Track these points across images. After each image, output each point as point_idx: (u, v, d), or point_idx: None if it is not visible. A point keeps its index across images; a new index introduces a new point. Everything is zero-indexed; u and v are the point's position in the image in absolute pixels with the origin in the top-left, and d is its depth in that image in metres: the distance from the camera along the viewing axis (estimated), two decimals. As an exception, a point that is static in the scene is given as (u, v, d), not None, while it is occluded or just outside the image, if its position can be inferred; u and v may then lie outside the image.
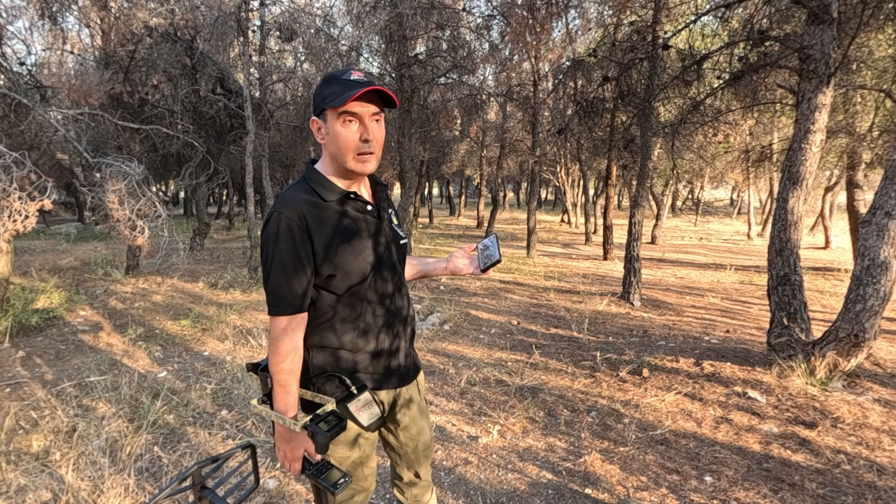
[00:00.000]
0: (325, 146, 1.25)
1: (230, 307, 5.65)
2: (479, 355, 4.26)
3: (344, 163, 1.23)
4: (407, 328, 1.42)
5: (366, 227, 1.30)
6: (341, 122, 1.19)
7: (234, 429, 2.91)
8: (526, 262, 9.58)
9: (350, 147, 1.21)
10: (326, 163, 1.28)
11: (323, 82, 1.22)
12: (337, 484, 1.20)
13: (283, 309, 1.20)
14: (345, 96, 1.16)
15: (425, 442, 1.52)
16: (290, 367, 1.21)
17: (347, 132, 1.20)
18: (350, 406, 1.26)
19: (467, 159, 17.30)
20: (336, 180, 1.27)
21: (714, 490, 2.38)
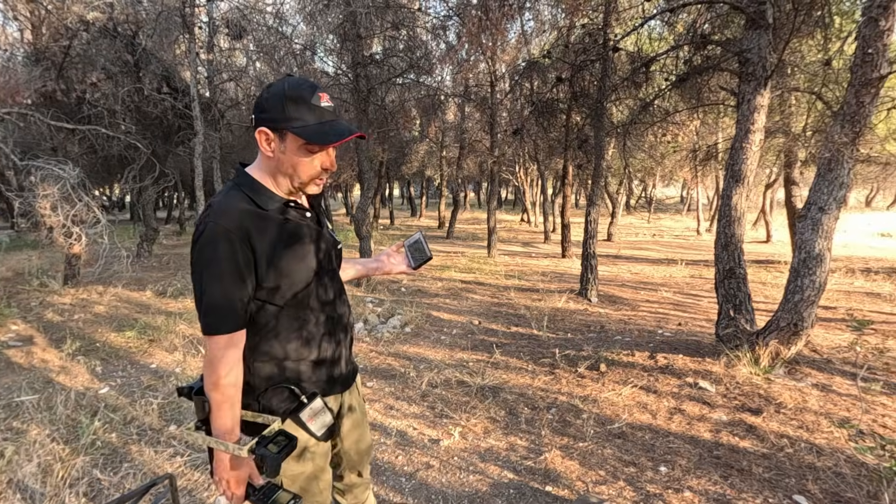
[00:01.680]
0: (271, 160, 1.18)
1: (180, 316, 5.40)
2: (440, 357, 4.24)
3: (296, 184, 1.20)
4: (348, 334, 1.40)
5: (308, 233, 1.25)
6: (306, 153, 1.16)
7: (183, 445, 2.76)
8: (487, 261, 9.65)
9: (310, 174, 1.19)
10: (266, 173, 1.21)
11: (286, 99, 1.12)
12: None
13: (223, 327, 1.11)
14: (324, 139, 1.13)
15: (367, 444, 1.52)
16: (234, 382, 1.14)
17: (311, 163, 1.17)
18: (302, 416, 1.22)
19: (427, 160, 17.27)
20: (275, 190, 1.21)
21: (668, 480, 2.44)
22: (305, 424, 1.23)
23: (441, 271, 8.38)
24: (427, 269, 8.57)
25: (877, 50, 3.05)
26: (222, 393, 1.12)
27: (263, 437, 1.14)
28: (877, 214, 20.97)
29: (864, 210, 22.91)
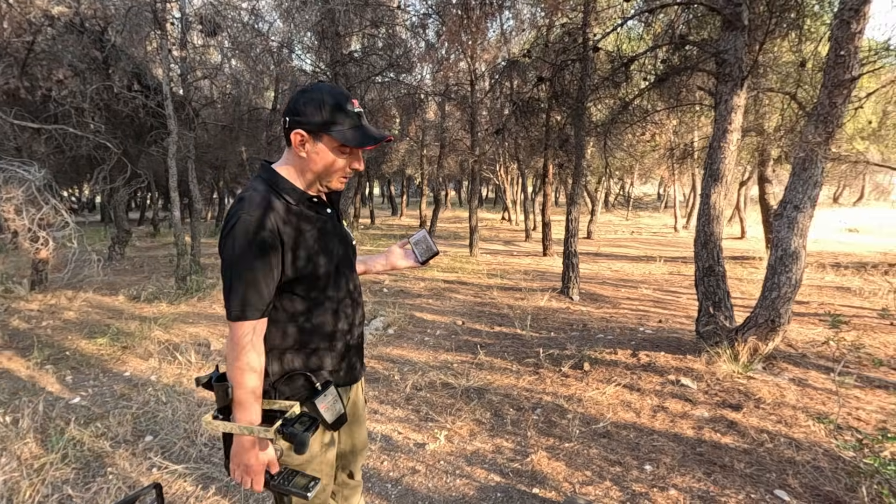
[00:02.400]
0: (301, 159, 1.26)
1: (155, 321, 5.24)
2: (424, 358, 4.20)
3: (324, 182, 1.29)
4: (361, 327, 1.46)
5: (329, 228, 1.34)
6: (339, 153, 1.25)
7: (160, 456, 2.67)
8: (469, 260, 9.64)
9: (339, 173, 1.29)
10: (293, 170, 1.29)
11: (324, 104, 1.22)
12: (308, 487, 1.18)
13: (249, 314, 1.17)
14: (362, 142, 1.23)
15: (363, 440, 1.57)
16: (257, 367, 1.19)
17: (342, 162, 1.27)
18: (317, 402, 1.25)
19: (408, 159, 17.20)
20: (301, 186, 1.29)
21: (654, 478, 2.46)
22: (319, 411, 1.26)
23: (424, 271, 8.34)
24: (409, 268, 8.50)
25: (848, 52, 3.12)
26: (246, 378, 1.16)
27: (287, 419, 1.19)
28: (844, 210, 21.69)
29: (832, 206, 23.67)
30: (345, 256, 1.39)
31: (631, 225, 17.96)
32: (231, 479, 2.60)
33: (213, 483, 2.43)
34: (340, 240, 1.37)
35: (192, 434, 2.87)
